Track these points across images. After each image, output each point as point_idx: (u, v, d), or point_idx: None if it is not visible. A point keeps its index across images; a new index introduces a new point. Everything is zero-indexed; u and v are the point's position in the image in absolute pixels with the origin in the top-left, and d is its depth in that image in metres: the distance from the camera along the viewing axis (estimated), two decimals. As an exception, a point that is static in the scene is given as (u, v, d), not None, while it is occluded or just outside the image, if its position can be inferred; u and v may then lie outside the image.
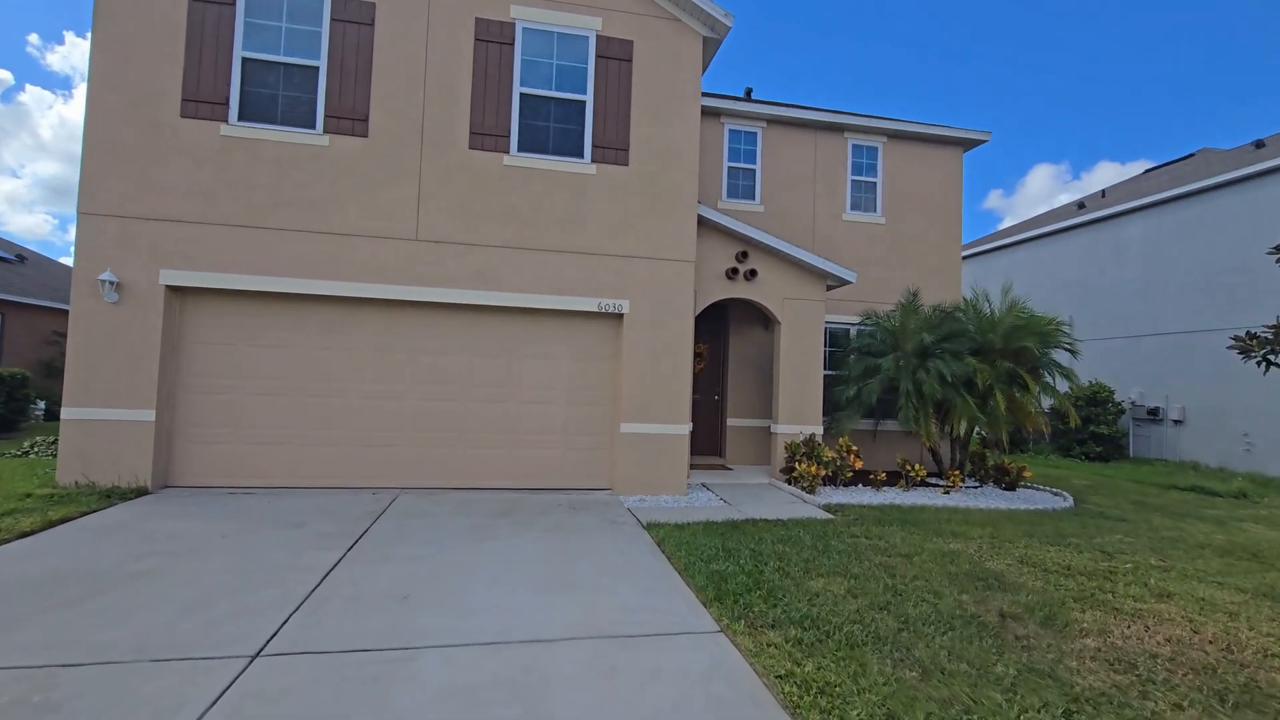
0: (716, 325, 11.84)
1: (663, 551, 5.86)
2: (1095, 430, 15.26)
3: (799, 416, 9.92)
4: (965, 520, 7.70)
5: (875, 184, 12.21)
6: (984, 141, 12.33)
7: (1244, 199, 14.36)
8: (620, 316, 8.83)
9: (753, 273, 9.63)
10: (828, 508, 8.05)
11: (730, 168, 11.75)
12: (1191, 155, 20.32)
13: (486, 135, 8.35)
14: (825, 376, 10.44)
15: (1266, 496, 11.16)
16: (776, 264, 9.92)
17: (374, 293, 8.00)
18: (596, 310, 8.65)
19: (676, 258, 8.92)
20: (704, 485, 9.44)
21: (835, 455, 9.36)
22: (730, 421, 11.62)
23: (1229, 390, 14.15)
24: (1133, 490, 11.28)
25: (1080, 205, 19.46)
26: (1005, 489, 10.34)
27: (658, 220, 8.89)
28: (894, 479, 10.03)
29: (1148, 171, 21.01)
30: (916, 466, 9.63)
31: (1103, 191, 20.19)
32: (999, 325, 9.43)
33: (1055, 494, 10.41)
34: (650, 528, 6.70)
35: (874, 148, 12.22)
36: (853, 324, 11.62)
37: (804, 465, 8.98)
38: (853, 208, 12.11)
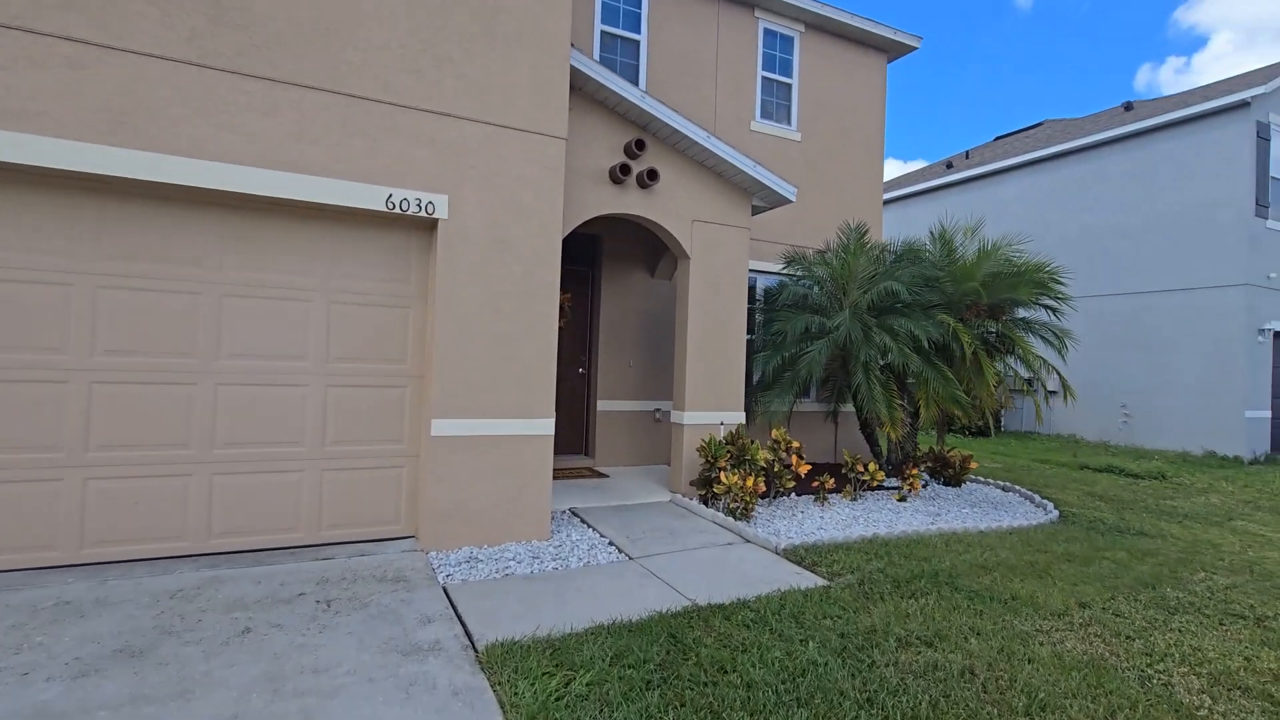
0: (582, 266, 8.16)
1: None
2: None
3: (715, 400, 6.65)
4: (987, 563, 4.94)
5: (790, 87, 9.20)
6: (913, 49, 9.85)
7: (1123, 158, 13.63)
8: (433, 225, 4.86)
9: (652, 175, 6.08)
10: (796, 557, 4.85)
11: (604, 33, 8.01)
12: (1039, 125, 20.28)
13: None
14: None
15: (1182, 475, 10.12)
16: (686, 167, 6.47)
17: None
18: (385, 211, 4.60)
19: (538, 129, 5.11)
20: (574, 513, 5.83)
21: (771, 457, 6.22)
22: (601, 405, 8.09)
23: (1107, 361, 13.47)
24: (1060, 476, 9.64)
25: (949, 165, 18.50)
26: (946, 484, 8.01)
27: (502, 54, 4.98)
28: (833, 478, 7.07)
29: (998, 139, 20.78)
30: (870, 466, 6.85)
31: (966, 153, 19.51)
32: (976, 271, 6.86)
33: (1004, 489, 8.30)
34: (493, 660, 2.99)
35: (790, 37, 9.18)
36: (766, 271, 8.57)
37: (732, 476, 5.74)
38: (763, 115, 9.01)
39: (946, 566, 4.68)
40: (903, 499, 7.04)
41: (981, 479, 8.68)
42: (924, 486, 7.75)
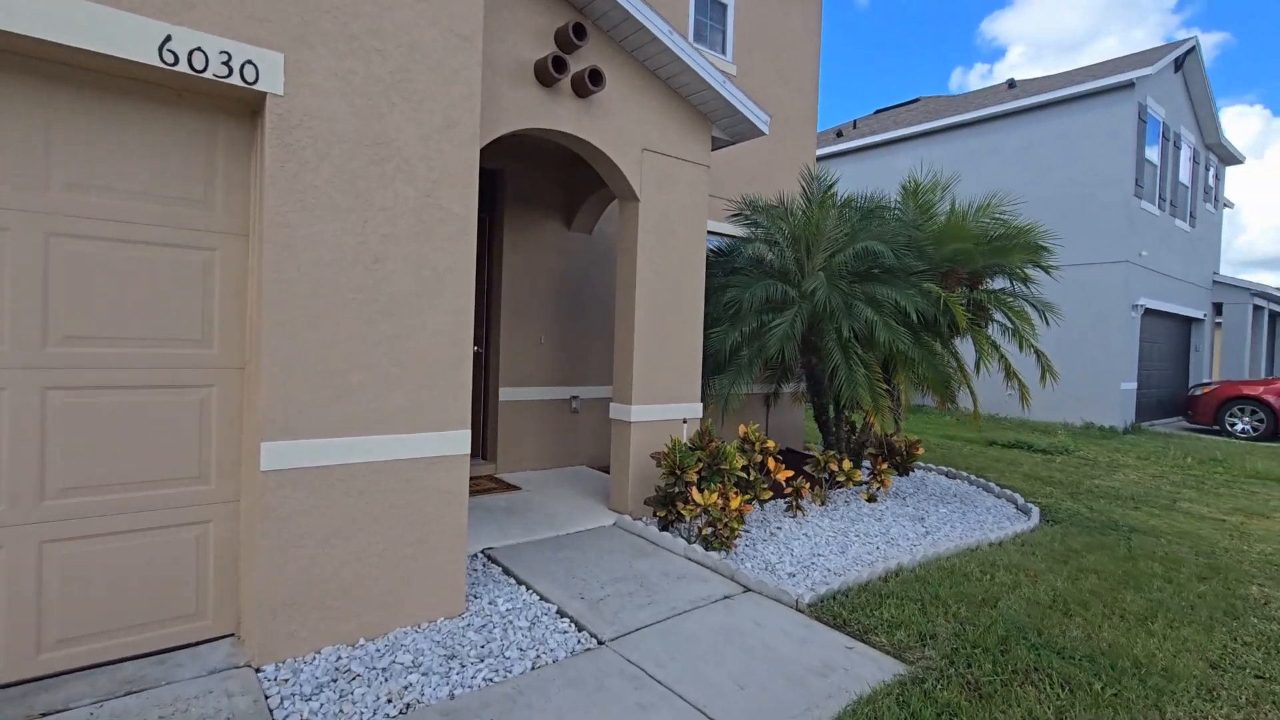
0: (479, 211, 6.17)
1: None
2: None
3: (671, 388, 5.10)
4: (1043, 598, 3.92)
5: (726, 7, 7.69)
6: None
7: (1014, 134, 13.73)
8: (256, 106, 2.80)
9: (595, 78, 4.31)
10: (830, 613, 3.47)
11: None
12: (915, 100, 20.56)
13: None
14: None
15: (1082, 449, 10.22)
16: (637, 77, 4.75)
17: None
18: (161, 67, 2.49)
19: (436, -38, 3.17)
20: (491, 558, 4.06)
21: (745, 462, 4.81)
22: (504, 394, 6.24)
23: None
24: (981, 456, 9.29)
25: (839, 134, 18.10)
26: (895, 473, 7.15)
27: None
28: (807, 480, 5.77)
29: (878, 112, 20.84)
30: (845, 464, 5.68)
31: (854, 122, 19.26)
32: (964, 231, 5.82)
33: (949, 475, 7.63)
34: None
35: (727, -53, 7.63)
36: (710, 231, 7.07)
37: (709, 494, 4.26)
38: (696, 37, 7.43)
39: (1015, 614, 3.53)
40: (872, 499, 5.99)
41: (924, 464, 7.96)
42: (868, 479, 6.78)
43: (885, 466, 6.10)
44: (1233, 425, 12.15)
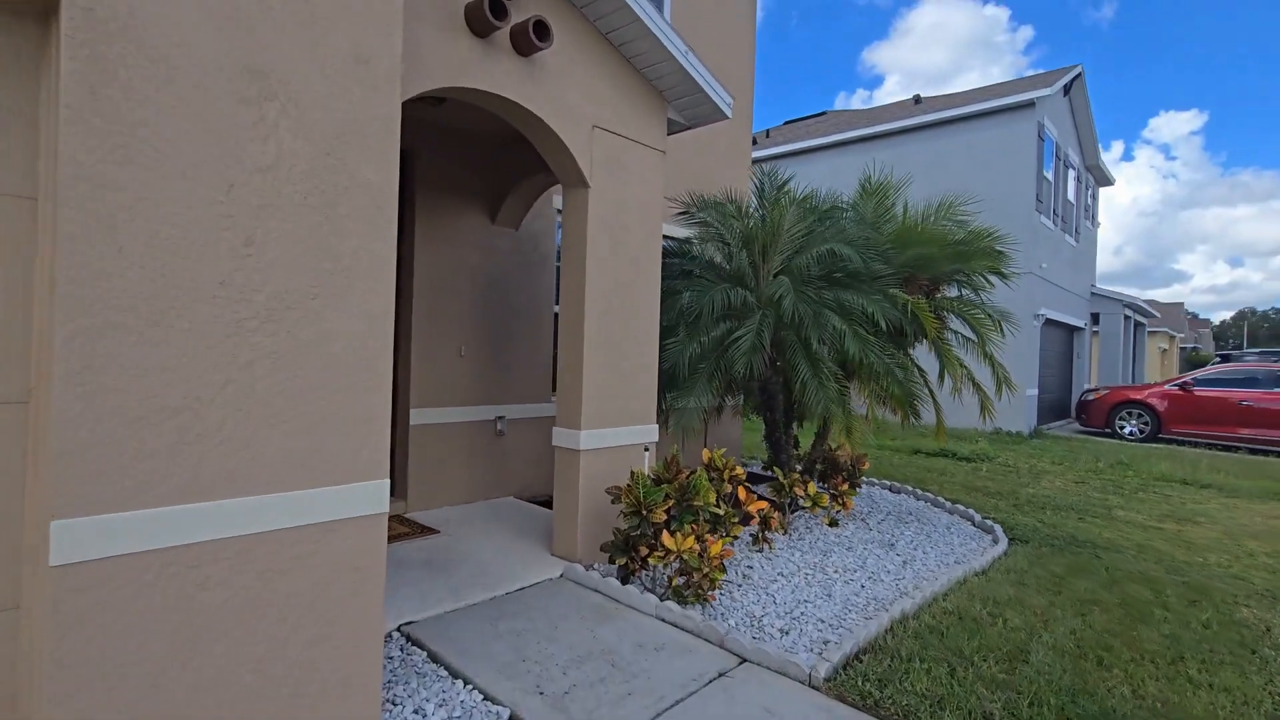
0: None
1: None
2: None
3: (626, 408, 4.33)
4: (1065, 645, 3.51)
5: (663, -11, 7.07)
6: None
7: (924, 147, 14.07)
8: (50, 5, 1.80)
9: (540, 31, 3.51)
10: (855, 692, 2.82)
11: None
12: (822, 114, 21.02)
13: None
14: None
15: (1000, 455, 10.41)
16: (585, 40, 3.97)
17: None
18: None
19: None
20: (412, 640, 3.12)
21: (717, 495, 4.11)
22: (416, 416, 5.22)
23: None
24: (912, 466, 9.21)
25: (753, 142, 18.07)
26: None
27: None
28: (774, 509, 5.17)
29: (788, 123, 21.11)
30: (810, 488, 5.13)
31: (766, 132, 19.31)
32: (929, 235, 5.46)
33: (893, 490, 7.39)
34: None
35: (664, -78, 7.01)
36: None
37: (684, 539, 3.53)
38: (633, 18, 6.74)
39: (1052, 671, 3.04)
40: (834, 523, 5.50)
41: (865, 479, 7.66)
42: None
43: (846, 487, 5.64)
44: (1122, 428, 12.94)
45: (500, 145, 5.49)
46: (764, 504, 4.50)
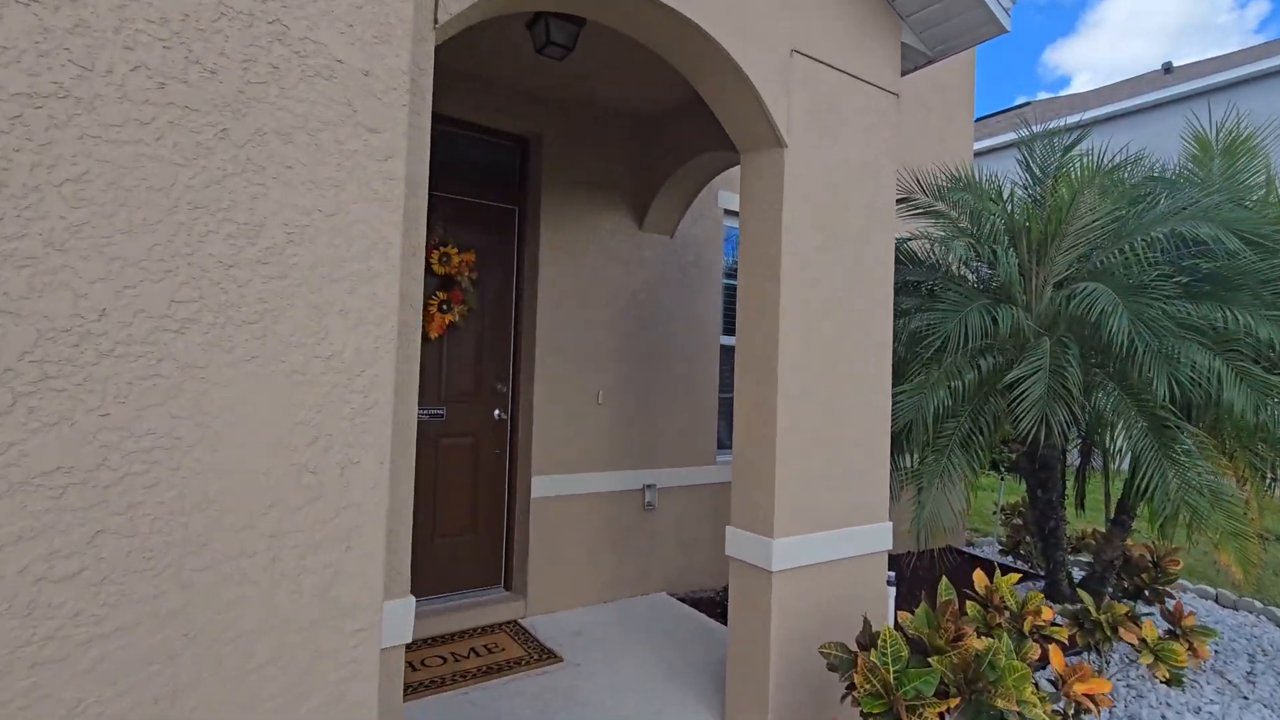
0: (493, 195, 4.00)
1: None
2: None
3: (838, 504, 2.71)
4: None
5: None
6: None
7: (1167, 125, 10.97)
8: None
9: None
10: None
11: None
12: (1025, 104, 18.16)
13: None
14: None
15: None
16: (770, -86, 2.53)
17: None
18: None
19: None
20: None
21: (1033, 685, 2.32)
22: (540, 486, 3.92)
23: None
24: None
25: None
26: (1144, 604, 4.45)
27: None
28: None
29: (980, 119, 18.38)
30: (1145, 627, 3.11)
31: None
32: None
33: (1220, 604, 4.94)
34: None
35: None
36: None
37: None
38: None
39: None
40: (1178, 681, 3.36)
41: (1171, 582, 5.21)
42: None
43: (1191, 620, 3.48)
44: None
45: (650, 124, 4.18)
46: (1100, 684, 2.58)
